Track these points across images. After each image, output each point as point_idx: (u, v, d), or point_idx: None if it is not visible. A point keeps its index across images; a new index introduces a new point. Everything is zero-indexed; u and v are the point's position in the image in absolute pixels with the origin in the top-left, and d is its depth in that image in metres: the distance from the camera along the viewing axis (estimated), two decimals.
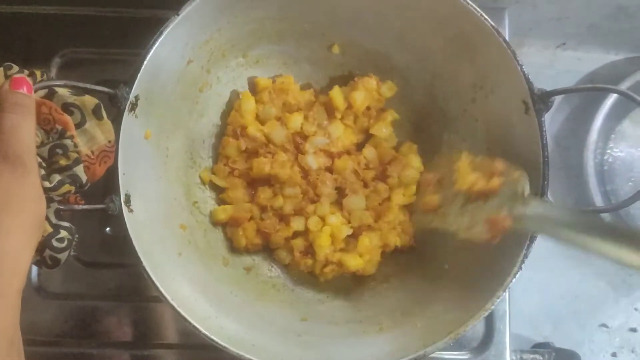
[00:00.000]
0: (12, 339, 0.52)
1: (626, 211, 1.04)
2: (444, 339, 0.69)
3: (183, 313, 0.67)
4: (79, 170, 0.62)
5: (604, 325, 1.04)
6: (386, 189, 0.85)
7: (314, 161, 0.83)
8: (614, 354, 1.03)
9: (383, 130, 0.86)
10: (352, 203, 0.83)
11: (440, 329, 0.70)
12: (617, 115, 1.05)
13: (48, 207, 0.60)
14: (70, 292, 0.90)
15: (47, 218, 0.61)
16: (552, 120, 1.07)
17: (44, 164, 0.60)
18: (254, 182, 0.85)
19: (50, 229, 0.61)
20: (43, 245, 0.60)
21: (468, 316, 0.69)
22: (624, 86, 1.01)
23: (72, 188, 0.62)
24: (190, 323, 0.67)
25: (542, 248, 0.71)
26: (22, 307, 0.51)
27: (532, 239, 0.70)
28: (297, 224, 0.83)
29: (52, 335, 0.88)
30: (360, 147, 0.88)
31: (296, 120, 0.84)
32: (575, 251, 1.05)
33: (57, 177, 0.60)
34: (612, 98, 1.02)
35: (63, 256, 0.62)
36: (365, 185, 0.85)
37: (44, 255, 0.61)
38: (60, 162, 0.61)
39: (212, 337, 0.67)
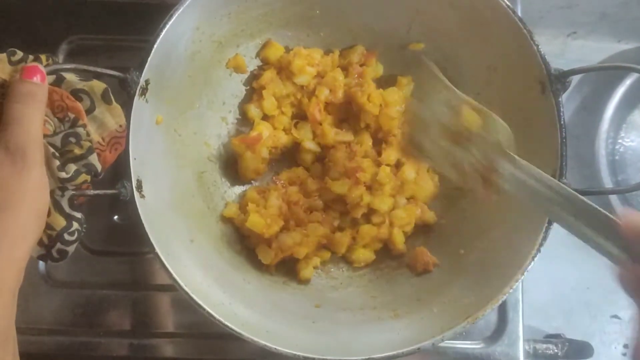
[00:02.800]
0: (7, 337, 0.51)
1: (638, 201, 1.04)
2: (461, 324, 0.68)
3: (197, 299, 0.66)
4: (94, 158, 0.61)
5: (615, 316, 1.03)
6: None
7: None
8: (626, 345, 1.02)
9: None
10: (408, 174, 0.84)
11: (457, 314, 0.69)
12: (629, 104, 1.04)
13: (62, 195, 0.59)
14: (78, 281, 0.89)
15: (61, 208, 0.59)
16: (563, 109, 1.06)
17: (57, 154, 0.58)
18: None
19: (63, 223, 0.59)
20: (54, 240, 0.59)
21: (486, 300, 0.68)
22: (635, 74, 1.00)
23: (88, 177, 0.61)
24: (204, 309, 0.66)
25: (554, 239, 0.70)
26: (29, 296, 0.50)
27: (551, 222, 0.69)
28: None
29: (59, 324, 0.87)
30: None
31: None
32: None
33: (73, 167, 0.59)
34: (623, 87, 1.01)
35: (71, 248, 0.61)
36: None
37: (51, 250, 0.59)
38: (74, 151, 0.60)
39: (227, 323, 0.66)
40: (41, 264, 0.88)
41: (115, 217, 0.91)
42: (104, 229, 0.90)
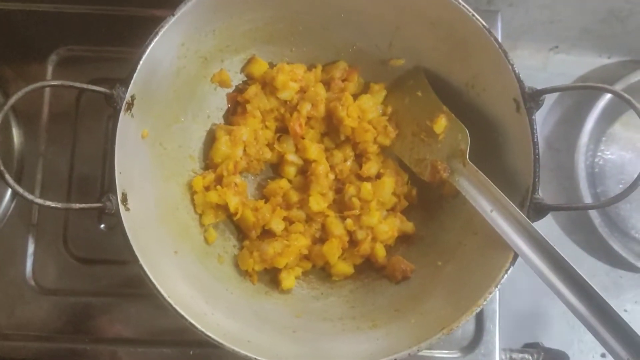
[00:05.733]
0: None
1: (616, 212, 1.06)
2: (437, 335, 0.70)
3: (179, 310, 0.67)
4: None
5: None
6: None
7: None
8: (603, 355, 1.04)
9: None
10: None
11: (433, 325, 0.71)
12: (608, 118, 1.06)
13: None
14: (65, 288, 0.90)
15: None
16: (544, 122, 1.07)
17: None
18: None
19: None
20: None
21: (460, 312, 0.70)
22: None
23: None
24: (186, 320, 0.67)
25: None
26: (16, 303, 0.50)
27: None
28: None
29: (46, 331, 0.88)
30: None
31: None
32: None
33: None
34: (603, 101, 1.03)
35: None
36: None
37: None
38: None
39: (208, 333, 0.67)
40: (28, 271, 0.89)
41: (102, 225, 0.92)
42: (91, 238, 0.91)
